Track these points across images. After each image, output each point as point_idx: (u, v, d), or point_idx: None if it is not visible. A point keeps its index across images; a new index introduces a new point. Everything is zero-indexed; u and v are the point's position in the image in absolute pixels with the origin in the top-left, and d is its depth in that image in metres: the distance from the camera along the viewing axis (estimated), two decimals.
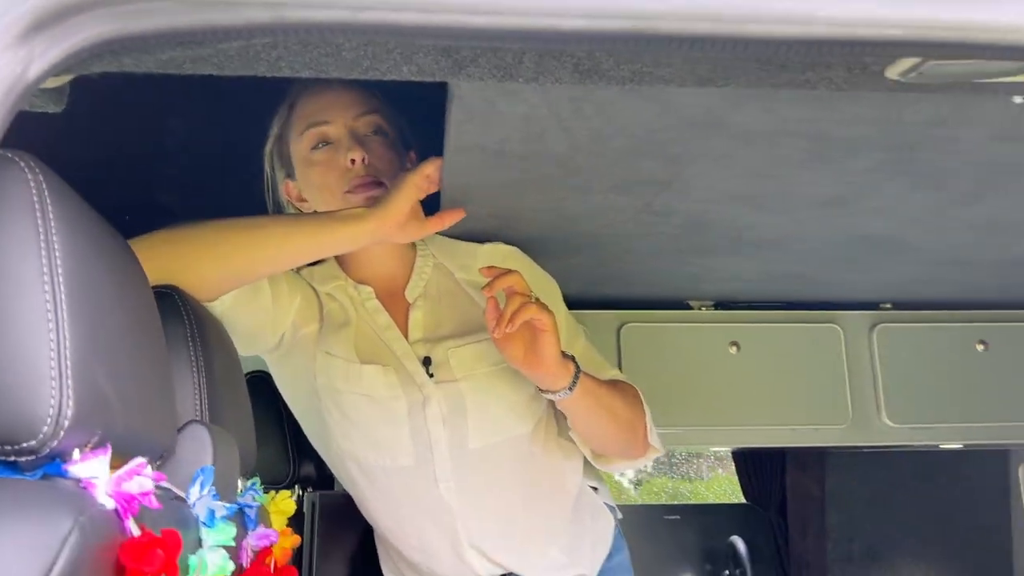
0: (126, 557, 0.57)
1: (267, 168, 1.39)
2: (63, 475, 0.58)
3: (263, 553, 1.01)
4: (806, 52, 0.68)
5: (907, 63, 0.76)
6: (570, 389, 1.26)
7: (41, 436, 0.56)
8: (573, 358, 1.29)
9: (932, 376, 2.00)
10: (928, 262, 1.68)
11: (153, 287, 0.86)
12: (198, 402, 0.94)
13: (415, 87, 0.85)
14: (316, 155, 1.30)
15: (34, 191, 0.60)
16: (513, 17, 0.57)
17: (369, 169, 1.27)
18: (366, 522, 1.49)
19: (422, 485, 1.34)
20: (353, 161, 1.26)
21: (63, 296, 0.59)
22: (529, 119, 1.04)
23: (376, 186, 1.26)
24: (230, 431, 0.97)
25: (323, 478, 1.71)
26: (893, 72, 0.80)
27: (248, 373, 1.44)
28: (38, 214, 0.59)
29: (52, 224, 0.60)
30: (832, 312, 2.00)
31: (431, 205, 1.29)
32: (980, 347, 2.02)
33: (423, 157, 1.22)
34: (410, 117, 1.39)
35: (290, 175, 1.36)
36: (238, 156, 1.46)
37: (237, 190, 1.45)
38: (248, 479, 1.09)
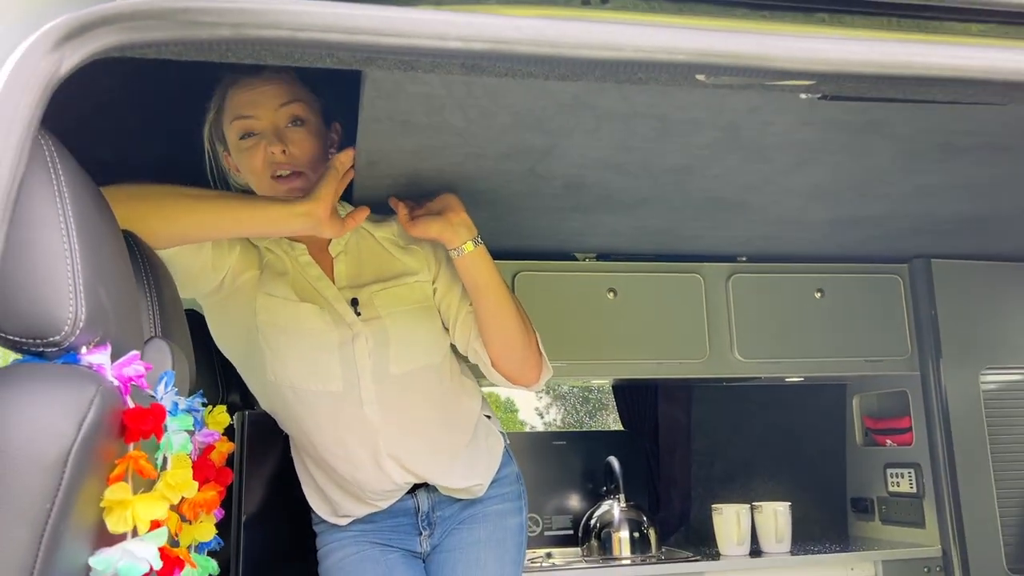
0: (128, 420, 0.79)
1: (206, 142, 1.58)
2: (78, 363, 0.79)
3: (207, 449, 1.23)
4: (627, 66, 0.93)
5: None
6: (474, 243, 1.54)
7: (64, 332, 0.76)
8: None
9: (777, 319, 2.35)
10: (768, 221, 1.99)
11: None
12: (153, 324, 1.14)
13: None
14: (244, 144, 1.50)
15: (47, 156, 0.80)
16: (410, 39, 0.80)
17: (289, 158, 1.48)
18: (286, 437, 1.72)
19: (349, 406, 1.58)
20: (273, 152, 1.46)
21: (74, 233, 0.79)
22: (431, 97, 1.27)
23: (296, 177, 1.49)
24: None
25: (248, 404, 1.92)
26: (700, 76, 1.06)
27: None
28: (51, 172, 0.79)
29: (62, 178, 0.80)
30: (695, 263, 2.32)
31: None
32: (818, 294, 2.38)
33: (351, 125, 1.44)
34: (335, 88, 1.59)
35: (228, 150, 1.56)
36: (170, 114, 1.63)
37: (167, 147, 1.63)
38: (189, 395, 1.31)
